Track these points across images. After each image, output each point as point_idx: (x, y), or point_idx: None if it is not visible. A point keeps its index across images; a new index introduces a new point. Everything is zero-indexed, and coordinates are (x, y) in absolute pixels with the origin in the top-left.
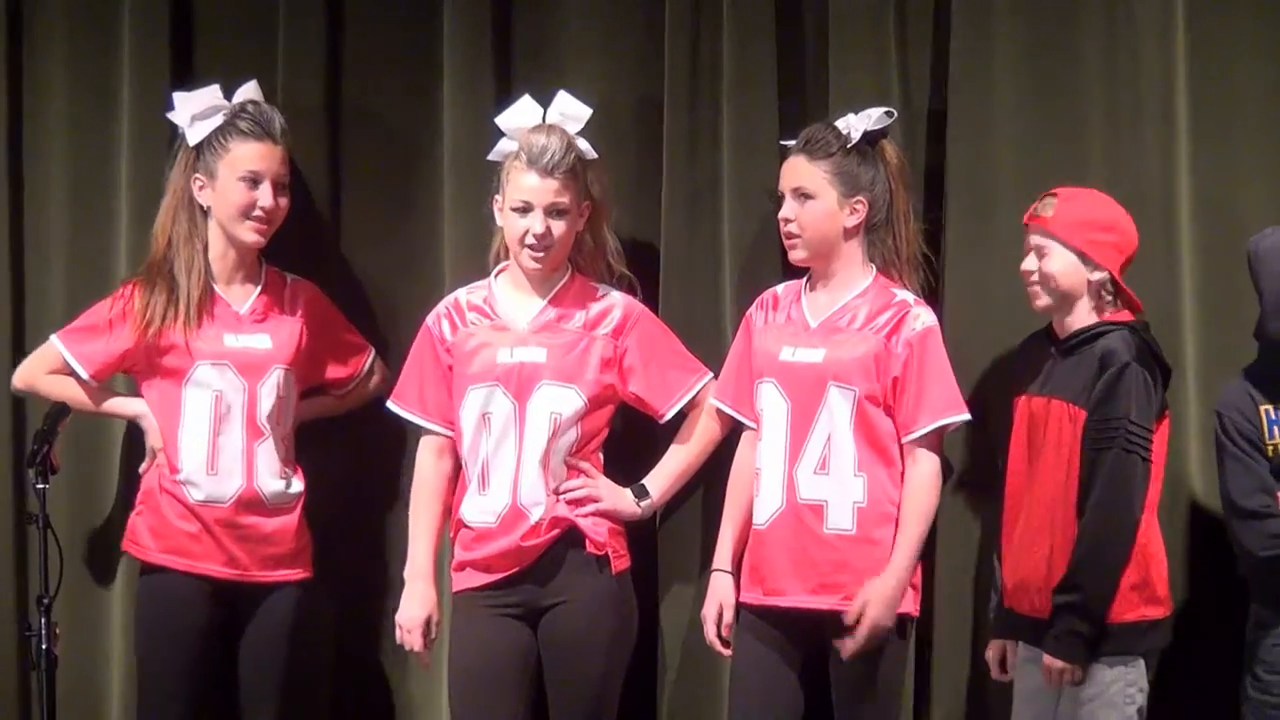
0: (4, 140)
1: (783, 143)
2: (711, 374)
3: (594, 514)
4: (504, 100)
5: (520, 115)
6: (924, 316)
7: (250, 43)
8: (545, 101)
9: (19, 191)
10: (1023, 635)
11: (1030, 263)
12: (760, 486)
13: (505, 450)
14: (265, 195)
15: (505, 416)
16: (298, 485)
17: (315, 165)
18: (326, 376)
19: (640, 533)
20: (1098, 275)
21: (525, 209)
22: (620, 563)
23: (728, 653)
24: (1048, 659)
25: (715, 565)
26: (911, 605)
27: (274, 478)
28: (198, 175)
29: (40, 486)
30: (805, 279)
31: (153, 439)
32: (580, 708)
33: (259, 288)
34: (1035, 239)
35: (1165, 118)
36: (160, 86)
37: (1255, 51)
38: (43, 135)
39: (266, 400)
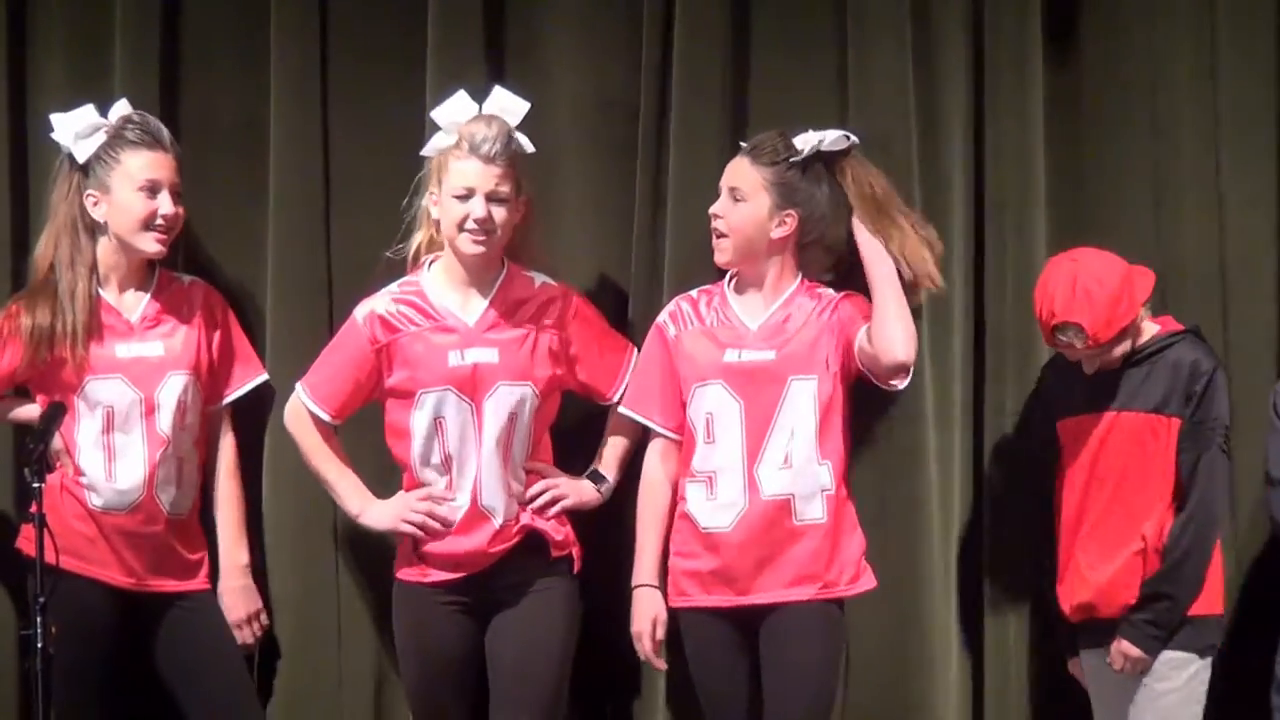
0: None
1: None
2: (636, 347)
3: (561, 511)
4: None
5: (456, 109)
6: (853, 295)
7: (238, 40)
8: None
9: None
10: (1098, 639)
11: (1090, 367)
12: (716, 489)
13: (465, 453)
14: (165, 203)
15: (461, 419)
16: (195, 491)
17: (307, 167)
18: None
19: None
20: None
21: (467, 195)
22: (578, 561)
23: (662, 666)
24: (1124, 645)
25: (642, 581)
26: (868, 580)
27: (172, 486)
28: (90, 192)
29: (36, 485)
30: (728, 284)
31: (57, 443)
32: (535, 707)
33: (150, 293)
34: (1080, 354)
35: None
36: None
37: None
38: None
39: (165, 408)
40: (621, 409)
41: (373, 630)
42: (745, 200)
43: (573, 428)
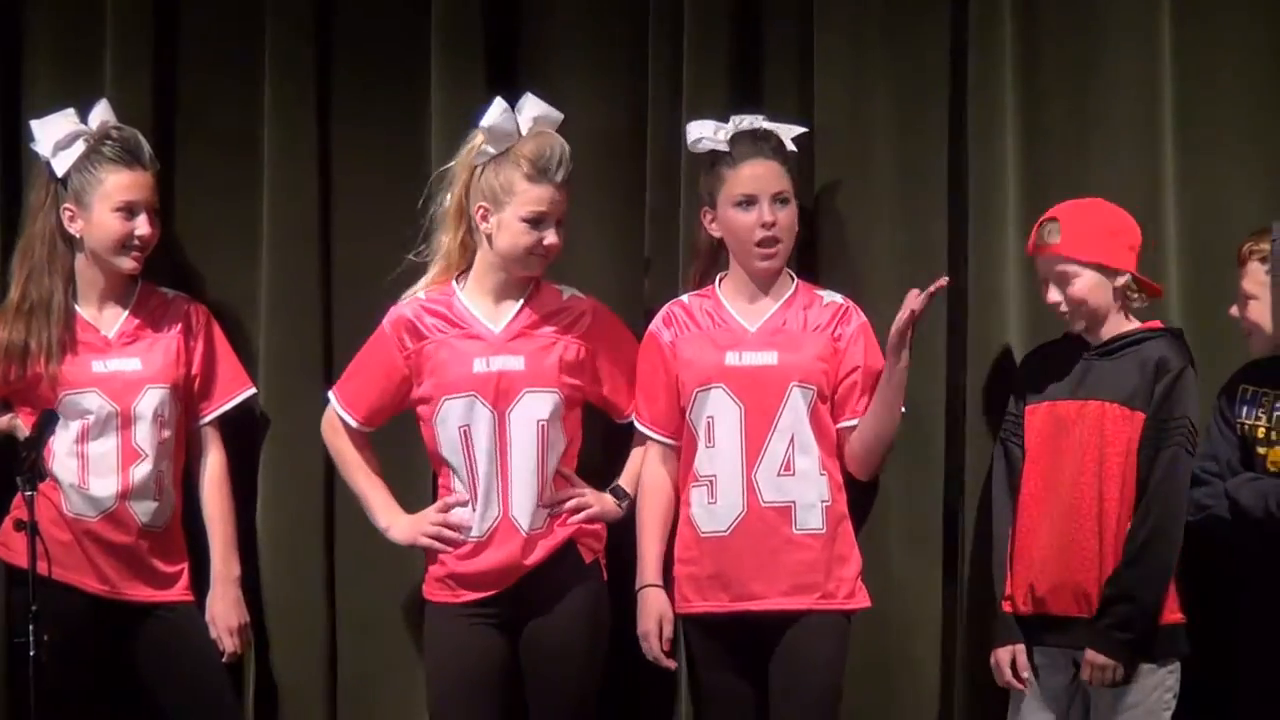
0: None
1: (724, 150)
2: None
3: (584, 520)
4: None
5: (504, 119)
6: (857, 313)
7: (234, 44)
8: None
9: None
10: (1056, 638)
11: (1054, 294)
12: (716, 493)
13: (492, 462)
14: (142, 225)
15: (487, 427)
16: (172, 506)
17: (303, 178)
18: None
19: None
20: (1121, 280)
21: (539, 220)
22: (605, 570)
23: (672, 665)
24: (1091, 655)
25: (647, 581)
26: (863, 599)
27: (149, 500)
28: (67, 206)
29: (29, 493)
30: (719, 286)
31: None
32: (563, 715)
33: (128, 309)
34: (1052, 267)
35: (1150, 125)
36: None
37: (1240, 56)
38: None
39: (142, 422)
40: (639, 426)
41: (366, 643)
42: (789, 202)
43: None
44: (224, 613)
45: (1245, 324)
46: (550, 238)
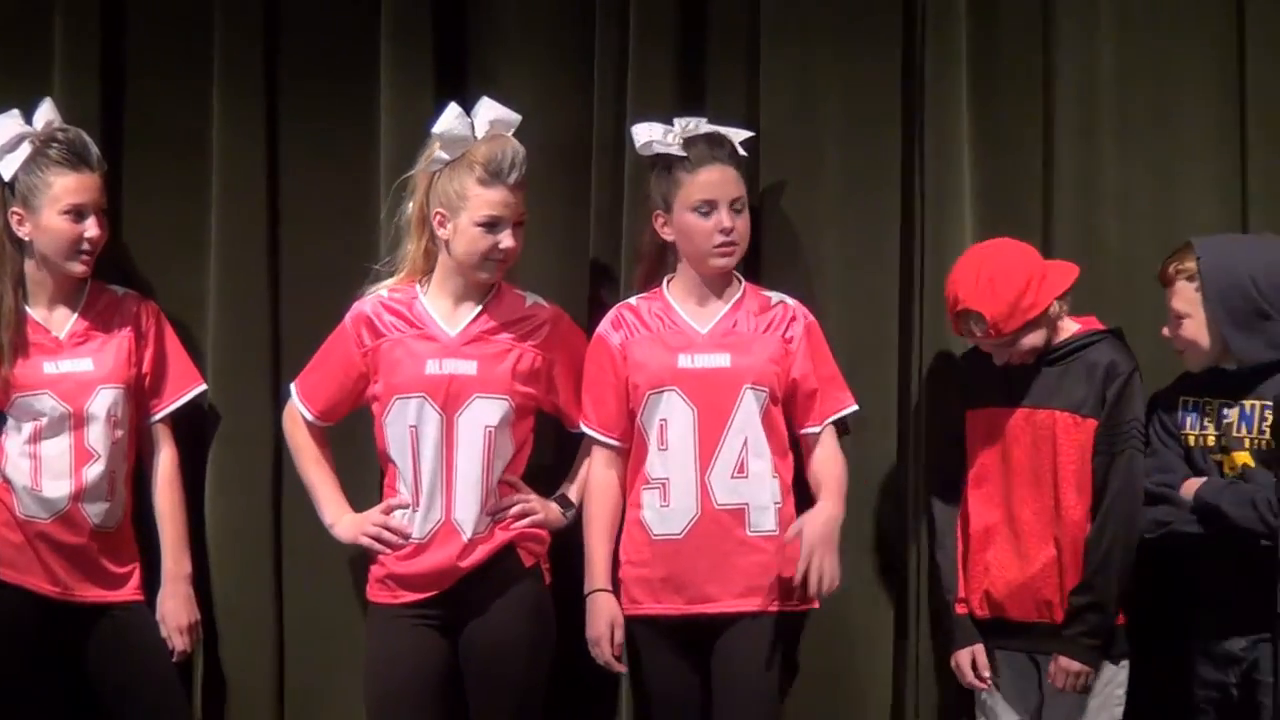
0: None
1: (678, 154)
2: None
3: (528, 527)
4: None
5: (457, 124)
6: (806, 314)
7: (183, 43)
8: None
9: None
10: (1012, 642)
11: (1001, 356)
12: (669, 496)
13: (438, 465)
14: (91, 227)
15: (434, 430)
16: (124, 507)
17: (252, 178)
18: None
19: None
20: (1052, 310)
21: (494, 223)
22: (548, 575)
23: (623, 669)
24: (1065, 662)
25: (596, 586)
26: (814, 600)
27: (101, 501)
28: (15, 210)
29: None
30: (666, 289)
31: None
32: (511, 713)
33: (78, 311)
34: (990, 345)
35: (1089, 129)
36: None
37: (1190, 63)
38: None
39: (95, 423)
40: (588, 430)
41: (314, 641)
42: (744, 209)
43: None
44: (174, 611)
45: (1179, 343)
46: (506, 241)
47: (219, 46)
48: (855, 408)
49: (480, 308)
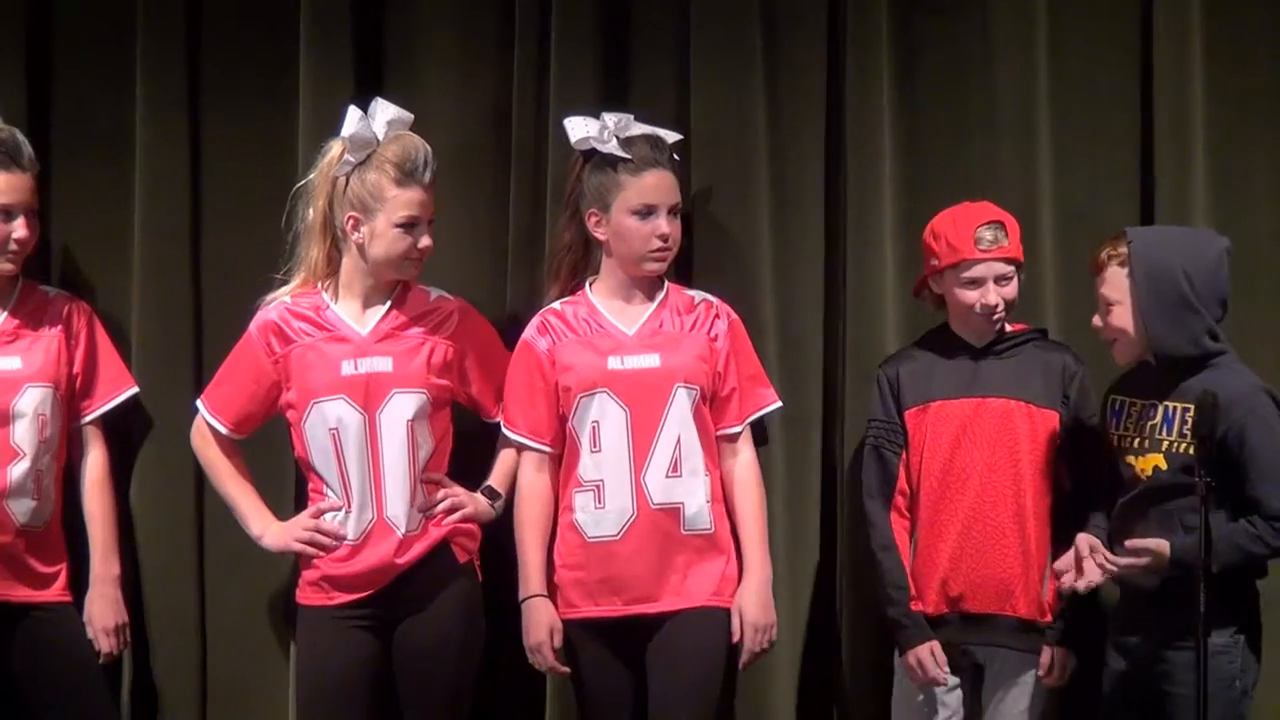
0: None
1: (619, 155)
2: None
3: (458, 521)
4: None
5: (360, 126)
6: (729, 311)
7: (106, 44)
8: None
9: None
10: (971, 635)
11: (994, 295)
12: (603, 498)
13: (364, 464)
14: (19, 228)
15: (356, 429)
16: (52, 505)
17: (174, 176)
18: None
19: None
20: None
21: (411, 224)
22: (480, 573)
23: (567, 671)
24: (1061, 654)
25: (532, 591)
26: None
27: (27, 499)
28: None
29: None
30: (590, 291)
31: None
32: (436, 714)
33: (8, 309)
34: (998, 269)
35: (1028, 129)
36: None
37: (1112, 67)
38: None
39: (21, 420)
40: (510, 433)
41: (238, 641)
42: (679, 212)
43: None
44: (101, 612)
45: (1109, 332)
46: (425, 240)
47: (141, 45)
48: (778, 404)
49: (388, 305)
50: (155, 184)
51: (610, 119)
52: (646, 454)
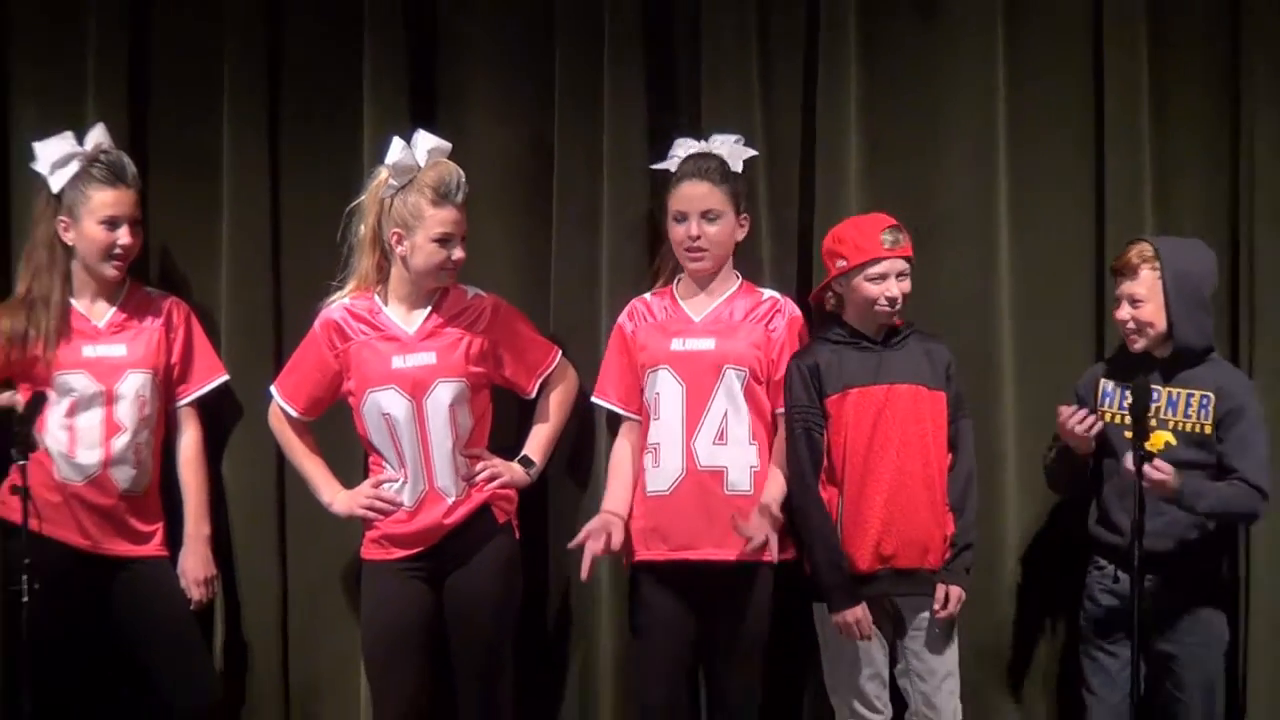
0: None
1: (657, 167)
2: (560, 352)
3: (498, 488)
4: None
5: (404, 155)
6: (791, 308)
7: (198, 79)
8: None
9: None
10: (900, 587)
11: (895, 288)
12: (660, 458)
13: (415, 442)
14: (123, 235)
15: (406, 414)
16: (149, 475)
17: (260, 195)
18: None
19: (532, 510)
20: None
21: (446, 240)
22: (517, 530)
23: (586, 573)
24: (957, 591)
25: (605, 508)
26: (788, 552)
27: (128, 467)
28: (61, 218)
29: (22, 462)
30: (676, 284)
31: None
32: (480, 654)
33: (117, 305)
34: (899, 265)
35: (987, 152)
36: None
37: (1063, 90)
38: None
39: (124, 400)
40: (593, 398)
41: (314, 594)
42: (720, 217)
43: (501, 422)
44: (193, 566)
45: (1135, 324)
46: (457, 253)
47: (228, 82)
48: None
49: (431, 308)
50: (240, 199)
51: (689, 141)
52: (697, 423)
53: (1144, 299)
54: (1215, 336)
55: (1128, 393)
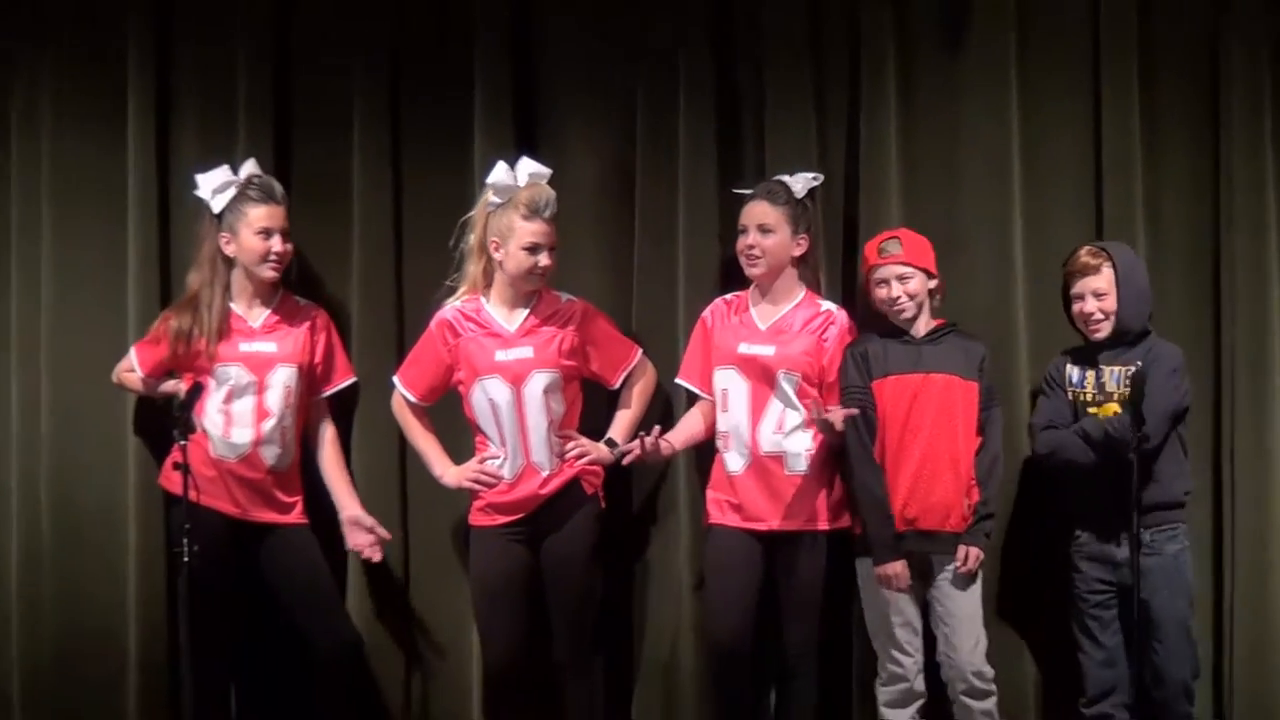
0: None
1: (737, 190)
2: (641, 350)
3: (586, 464)
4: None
5: (506, 176)
6: (843, 319)
7: (330, 112)
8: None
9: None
10: (924, 545)
11: (895, 291)
12: (730, 445)
13: (515, 424)
14: (277, 243)
15: (508, 399)
16: (292, 454)
17: (385, 214)
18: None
19: (617, 484)
20: (933, 283)
21: (534, 249)
22: (603, 501)
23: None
24: (976, 551)
25: (664, 436)
26: (842, 521)
27: (275, 446)
28: (223, 233)
29: (182, 443)
30: (750, 291)
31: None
32: (572, 603)
33: (270, 308)
34: (892, 273)
35: (1006, 179)
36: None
37: (1067, 120)
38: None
39: (272, 390)
40: (676, 380)
41: (432, 561)
42: (774, 232)
43: (591, 409)
44: (356, 540)
45: (1099, 314)
46: (544, 260)
47: (358, 114)
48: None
49: (529, 309)
50: (368, 217)
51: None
52: (760, 416)
53: (1105, 291)
54: (1199, 330)
55: (1088, 374)
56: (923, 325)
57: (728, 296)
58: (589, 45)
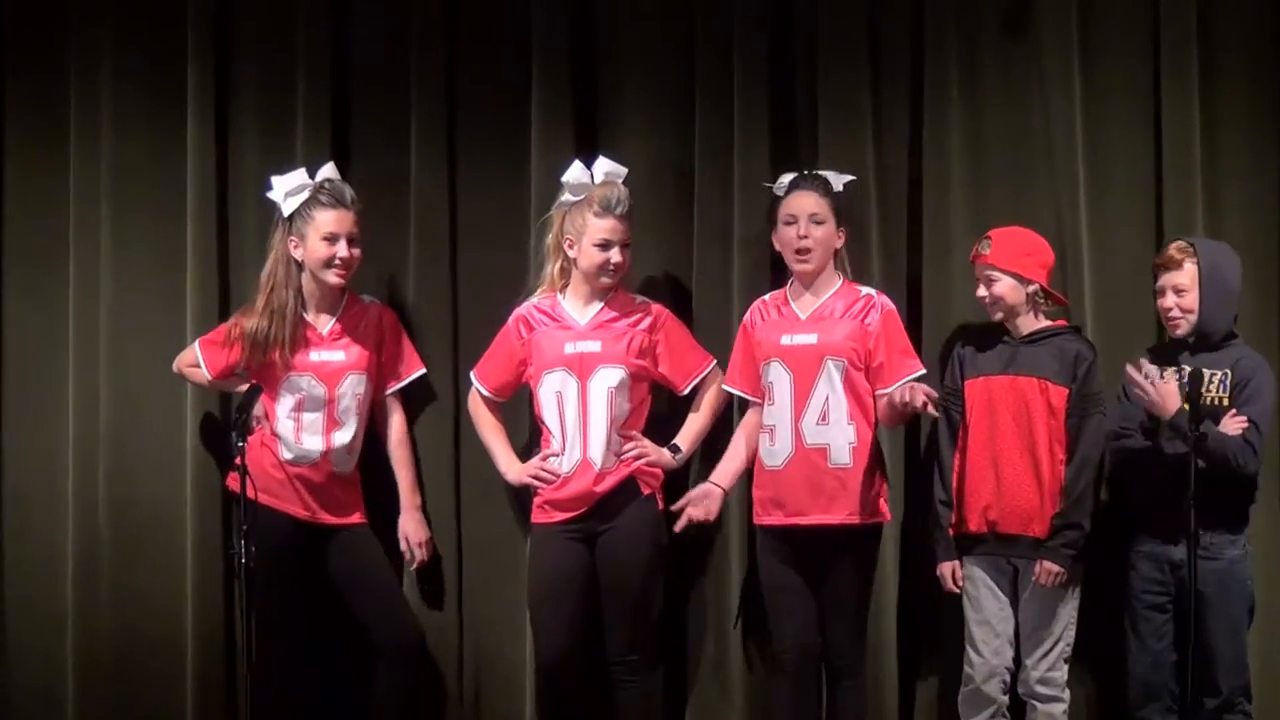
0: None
1: (769, 185)
2: (715, 360)
3: (645, 465)
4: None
5: (580, 174)
6: (885, 303)
7: (388, 116)
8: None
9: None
10: (1004, 549)
11: (981, 291)
12: (774, 438)
13: (577, 417)
14: (342, 249)
15: (573, 392)
16: (358, 456)
17: (441, 213)
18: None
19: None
20: (1031, 288)
21: (606, 245)
22: (661, 501)
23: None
24: (1048, 565)
25: (713, 479)
26: (884, 515)
27: (343, 453)
28: (292, 237)
29: (240, 444)
30: (789, 286)
31: (257, 411)
32: (625, 600)
33: (337, 316)
34: (982, 271)
35: (1070, 176)
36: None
37: (1129, 125)
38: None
39: (343, 399)
40: (723, 385)
41: (486, 554)
42: (824, 222)
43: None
44: (414, 531)
45: (1178, 311)
46: (615, 257)
47: (414, 118)
48: (921, 371)
49: (602, 304)
50: (425, 216)
51: (790, 174)
52: (803, 407)
53: (1187, 288)
54: (1266, 326)
55: (1166, 373)
56: (1024, 326)
57: (765, 296)
58: (647, 43)
